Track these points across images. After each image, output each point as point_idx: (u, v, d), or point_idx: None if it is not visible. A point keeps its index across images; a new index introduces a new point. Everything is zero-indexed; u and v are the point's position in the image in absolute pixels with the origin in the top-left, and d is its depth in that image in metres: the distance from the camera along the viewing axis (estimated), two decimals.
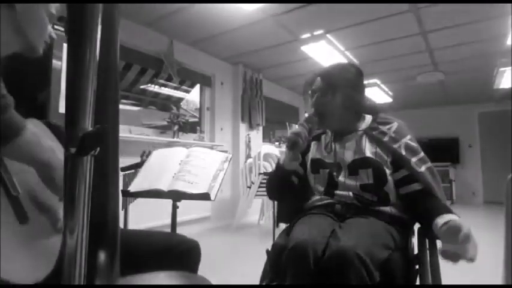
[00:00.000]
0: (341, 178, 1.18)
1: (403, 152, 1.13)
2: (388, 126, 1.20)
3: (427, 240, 1.09)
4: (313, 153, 1.29)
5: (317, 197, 1.23)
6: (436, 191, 1.08)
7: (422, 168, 1.10)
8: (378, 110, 1.29)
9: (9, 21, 0.67)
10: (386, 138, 1.16)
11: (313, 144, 1.31)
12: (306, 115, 1.22)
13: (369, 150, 1.16)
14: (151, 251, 0.86)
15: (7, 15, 0.67)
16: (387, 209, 1.12)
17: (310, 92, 1.26)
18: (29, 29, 0.69)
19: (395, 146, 1.14)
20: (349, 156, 1.19)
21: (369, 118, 1.26)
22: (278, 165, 1.24)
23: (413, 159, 1.11)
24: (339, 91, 1.20)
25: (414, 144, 1.16)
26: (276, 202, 1.16)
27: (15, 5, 0.66)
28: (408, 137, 1.17)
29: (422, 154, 1.14)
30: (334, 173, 1.19)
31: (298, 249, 0.91)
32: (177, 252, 0.89)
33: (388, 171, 1.12)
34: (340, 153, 1.21)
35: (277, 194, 1.36)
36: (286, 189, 1.27)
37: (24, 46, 0.71)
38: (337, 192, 1.18)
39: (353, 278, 0.83)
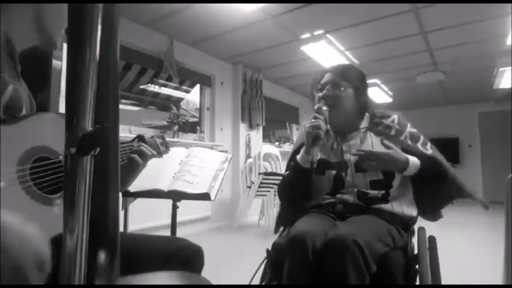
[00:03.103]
0: (348, 178, 1.18)
1: (409, 142, 1.17)
2: (390, 119, 1.22)
3: (427, 240, 1.09)
4: None
5: (319, 197, 1.22)
6: (444, 163, 1.13)
7: (428, 149, 1.16)
8: (373, 108, 1.32)
9: (33, 18, 0.69)
10: (393, 132, 1.19)
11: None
12: (316, 107, 1.19)
13: (376, 145, 1.17)
14: (153, 256, 0.83)
15: (31, 12, 0.68)
16: (388, 206, 1.12)
17: (319, 86, 1.26)
18: (51, 25, 0.71)
19: (402, 137, 1.18)
20: None
21: (366, 116, 1.27)
22: (298, 168, 1.17)
23: (419, 145, 1.16)
24: (351, 84, 1.22)
25: (415, 130, 1.21)
26: (278, 205, 1.14)
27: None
28: (409, 125, 1.22)
29: (422, 137, 1.20)
30: (343, 174, 1.19)
31: (298, 240, 0.93)
32: (179, 258, 0.86)
33: None
34: (346, 152, 1.21)
35: (293, 197, 1.27)
36: (303, 190, 1.23)
37: (43, 41, 0.73)
38: (342, 191, 1.18)
39: (349, 264, 0.84)
